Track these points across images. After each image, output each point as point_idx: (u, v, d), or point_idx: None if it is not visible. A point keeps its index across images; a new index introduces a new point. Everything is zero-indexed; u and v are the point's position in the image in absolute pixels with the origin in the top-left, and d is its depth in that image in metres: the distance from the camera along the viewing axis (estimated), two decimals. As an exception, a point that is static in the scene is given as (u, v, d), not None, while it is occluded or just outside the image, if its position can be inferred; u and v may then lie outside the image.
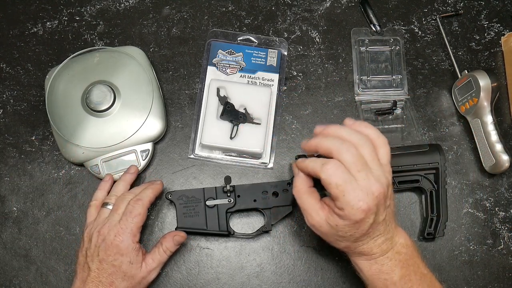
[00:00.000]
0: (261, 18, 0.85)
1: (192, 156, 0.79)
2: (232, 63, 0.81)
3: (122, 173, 0.75)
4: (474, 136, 0.79)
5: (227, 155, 0.78)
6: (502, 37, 0.84)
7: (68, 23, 0.84)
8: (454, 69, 0.81)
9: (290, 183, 0.74)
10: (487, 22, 0.86)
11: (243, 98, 0.78)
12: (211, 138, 0.77)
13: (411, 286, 0.62)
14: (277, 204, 0.74)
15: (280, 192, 0.74)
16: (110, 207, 0.70)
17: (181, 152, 0.80)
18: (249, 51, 0.82)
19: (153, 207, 0.77)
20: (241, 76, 0.81)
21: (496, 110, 0.80)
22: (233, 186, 0.74)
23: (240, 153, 0.78)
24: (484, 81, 0.77)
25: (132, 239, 0.67)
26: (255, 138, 0.77)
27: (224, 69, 0.81)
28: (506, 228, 0.78)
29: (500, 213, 0.79)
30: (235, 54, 0.82)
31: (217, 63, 0.81)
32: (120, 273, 0.66)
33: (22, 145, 0.80)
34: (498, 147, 0.76)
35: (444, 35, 0.82)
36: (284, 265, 0.76)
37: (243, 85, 0.80)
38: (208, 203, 0.73)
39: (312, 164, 0.59)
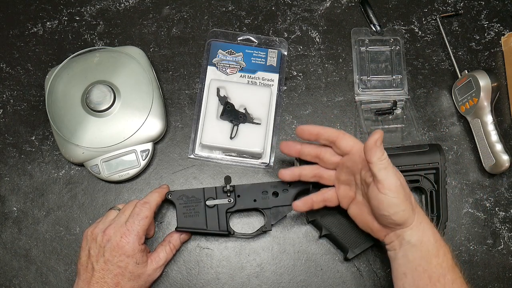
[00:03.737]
0: (261, 18, 0.85)
1: (192, 156, 0.79)
2: (232, 63, 0.81)
3: (121, 173, 0.76)
4: (474, 136, 0.79)
5: (227, 155, 0.78)
6: (502, 37, 0.84)
7: (68, 23, 0.84)
8: (454, 69, 0.81)
9: (290, 183, 0.74)
10: (487, 22, 0.86)
11: (243, 98, 0.78)
12: (211, 138, 0.77)
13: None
14: (277, 204, 0.74)
15: (280, 192, 0.74)
16: (118, 210, 0.71)
17: (181, 152, 0.80)
18: (249, 51, 0.82)
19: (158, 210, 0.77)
20: (241, 76, 0.81)
21: (496, 110, 0.80)
22: (233, 186, 0.74)
23: (240, 153, 0.78)
24: (484, 81, 0.77)
25: (138, 241, 0.67)
26: (255, 138, 0.77)
27: (224, 69, 0.81)
28: (506, 228, 0.78)
29: (500, 213, 0.79)
30: (235, 54, 0.82)
31: (217, 63, 0.81)
32: (126, 274, 0.66)
33: (22, 145, 0.80)
34: (498, 147, 0.76)
35: (444, 35, 0.82)
36: (284, 265, 0.76)
37: (243, 85, 0.80)
38: (208, 203, 0.73)
39: None
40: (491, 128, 0.77)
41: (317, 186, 0.73)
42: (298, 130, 0.69)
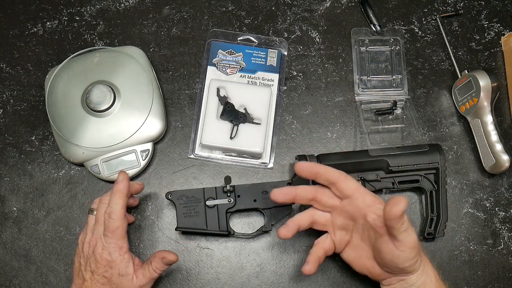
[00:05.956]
0: (261, 18, 0.85)
1: (192, 156, 0.79)
2: (232, 63, 0.81)
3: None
4: (474, 136, 0.79)
5: (227, 155, 0.78)
6: (502, 37, 0.84)
7: (68, 23, 0.84)
8: (454, 69, 0.81)
9: (290, 183, 0.74)
10: (487, 22, 0.86)
11: (243, 98, 0.78)
12: (211, 138, 0.77)
13: None
14: (277, 204, 0.74)
15: (280, 192, 0.74)
16: (94, 214, 0.70)
17: (181, 152, 0.80)
18: (249, 51, 0.82)
19: (153, 207, 0.77)
20: (241, 76, 0.81)
21: (496, 110, 0.80)
22: (233, 186, 0.74)
23: (240, 153, 0.78)
24: (484, 81, 0.77)
25: (119, 252, 0.66)
26: (255, 138, 0.77)
27: (224, 69, 0.81)
28: (506, 228, 0.78)
29: (500, 213, 0.79)
30: (235, 54, 0.82)
31: (217, 63, 0.81)
32: (112, 284, 0.66)
33: (22, 145, 0.80)
34: (498, 147, 0.76)
35: (444, 35, 0.82)
36: (284, 265, 0.76)
37: (243, 85, 0.80)
38: (208, 203, 0.73)
39: None
40: (491, 128, 0.77)
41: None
42: (297, 168, 0.64)
